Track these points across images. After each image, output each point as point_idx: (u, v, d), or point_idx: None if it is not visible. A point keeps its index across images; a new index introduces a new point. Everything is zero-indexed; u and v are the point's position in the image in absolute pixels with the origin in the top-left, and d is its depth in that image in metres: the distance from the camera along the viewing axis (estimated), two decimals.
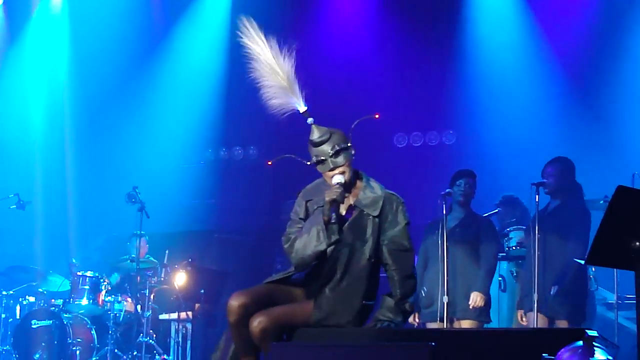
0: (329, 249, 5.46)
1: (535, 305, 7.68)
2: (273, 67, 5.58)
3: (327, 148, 5.53)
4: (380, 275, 5.62)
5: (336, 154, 5.52)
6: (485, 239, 8.29)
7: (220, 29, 13.17)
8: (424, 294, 8.15)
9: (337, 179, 5.50)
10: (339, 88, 11.32)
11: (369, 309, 5.53)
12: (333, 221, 5.42)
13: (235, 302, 5.42)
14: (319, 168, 5.59)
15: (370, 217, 5.52)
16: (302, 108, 5.60)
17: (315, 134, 5.57)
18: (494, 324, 8.48)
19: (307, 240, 5.46)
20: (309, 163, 5.63)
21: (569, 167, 8.24)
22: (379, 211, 5.51)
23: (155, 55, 13.19)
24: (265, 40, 5.65)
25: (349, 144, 5.54)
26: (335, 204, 5.42)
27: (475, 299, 8.06)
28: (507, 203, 9.67)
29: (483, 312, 8.14)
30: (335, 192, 5.42)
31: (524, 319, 8.18)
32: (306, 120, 5.61)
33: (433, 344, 4.74)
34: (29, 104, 13.03)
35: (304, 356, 5.06)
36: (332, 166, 5.52)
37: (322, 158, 5.54)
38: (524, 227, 8.90)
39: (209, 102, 13.16)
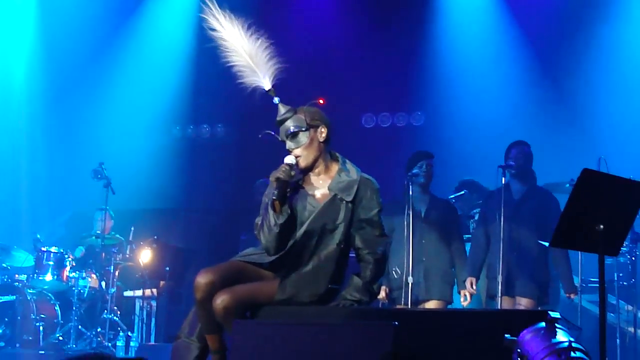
0: (298, 234, 5.43)
1: (499, 287, 7.70)
2: (238, 46, 5.55)
3: (287, 127, 5.50)
4: (350, 255, 5.60)
5: (292, 135, 5.46)
6: (454, 223, 8.36)
7: (188, 6, 13.08)
8: (396, 276, 8.13)
9: (288, 159, 5.43)
10: (306, 69, 11.26)
11: (335, 291, 5.50)
12: (274, 198, 5.30)
13: (202, 279, 5.37)
14: (287, 147, 5.55)
15: (344, 201, 5.44)
16: (268, 86, 5.54)
17: (279, 113, 5.53)
18: (456, 302, 8.50)
19: (267, 224, 5.42)
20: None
21: (530, 151, 8.30)
22: (353, 196, 5.45)
23: (123, 31, 13.08)
24: (229, 20, 5.61)
25: (308, 127, 5.46)
26: (279, 183, 5.32)
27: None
28: (467, 187, 9.71)
29: (448, 293, 8.18)
30: (280, 171, 5.34)
31: (474, 286, 8.18)
32: (272, 99, 5.55)
33: (396, 323, 4.74)
34: None
35: (266, 334, 5.04)
36: (287, 147, 5.49)
37: (284, 138, 5.52)
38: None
39: (177, 79, 13.08)
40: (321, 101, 5.67)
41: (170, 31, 13.17)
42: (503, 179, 7.95)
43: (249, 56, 5.53)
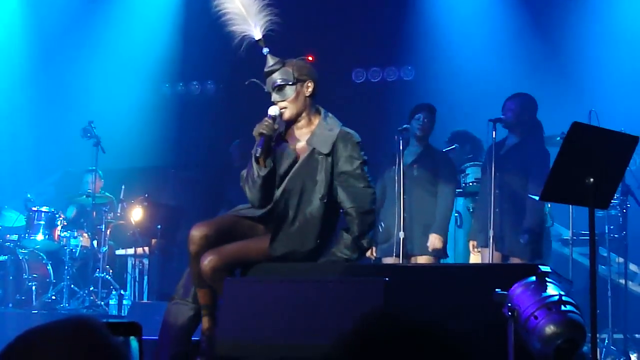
0: (278, 191, 5.44)
1: (491, 241, 7.69)
2: None
3: (274, 79, 5.48)
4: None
5: (279, 88, 5.47)
6: (443, 176, 8.28)
7: None
8: (381, 229, 8.13)
9: (272, 111, 5.43)
10: (296, 24, 11.19)
11: (325, 248, 5.50)
12: (258, 155, 5.34)
13: (196, 232, 5.41)
14: (272, 99, 5.54)
15: (322, 155, 5.44)
16: (258, 36, 5.52)
17: (267, 64, 5.52)
18: (450, 259, 8.52)
19: (251, 177, 5.45)
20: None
21: (531, 104, 8.19)
22: (330, 149, 5.43)
23: None
24: None
25: (296, 80, 5.46)
26: (262, 137, 5.33)
27: (434, 241, 8.07)
28: (459, 139, 9.66)
29: (440, 248, 8.17)
30: (262, 126, 5.34)
31: (476, 249, 8.21)
32: (262, 49, 5.54)
33: (387, 279, 4.75)
34: None
35: (256, 291, 5.06)
36: (273, 99, 5.49)
37: (270, 89, 5.52)
38: (479, 163, 8.92)
39: (166, 35, 13.00)
40: (310, 58, 5.67)
41: None
42: (494, 132, 7.91)
43: (242, 4, 5.52)
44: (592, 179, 4.75)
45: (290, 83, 5.45)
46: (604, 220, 8.73)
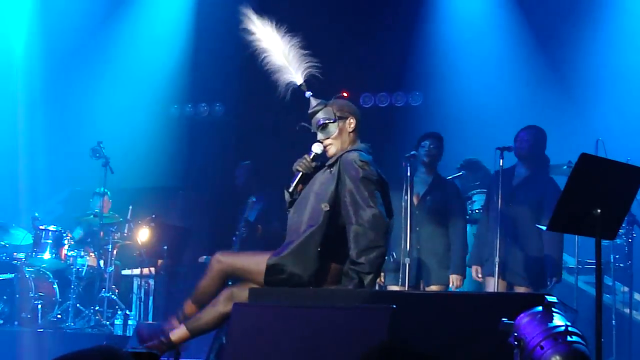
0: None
1: (497, 269, 7.71)
2: (273, 47, 5.84)
3: (317, 119, 5.79)
4: None
5: (322, 127, 5.77)
6: (455, 209, 8.29)
7: None
8: (392, 259, 8.14)
9: (315, 147, 5.75)
10: (304, 48, 11.28)
11: (325, 268, 5.53)
12: (289, 189, 5.73)
13: (216, 263, 5.73)
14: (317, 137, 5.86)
15: (328, 170, 5.65)
16: (300, 81, 5.83)
17: (310, 106, 5.85)
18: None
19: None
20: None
21: (543, 137, 8.23)
22: (332, 162, 5.64)
23: (121, 9, 13.06)
24: (262, 22, 5.92)
25: (337, 118, 5.75)
26: (298, 173, 5.71)
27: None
28: (469, 166, 9.70)
29: (445, 277, 8.16)
30: (300, 163, 5.73)
31: (479, 274, 8.21)
32: (304, 93, 5.85)
33: (394, 306, 4.77)
34: None
35: (264, 316, 5.08)
36: (318, 137, 5.79)
37: (315, 129, 5.81)
38: (486, 191, 8.94)
39: (175, 57, 13.07)
40: (345, 94, 5.95)
41: (168, 8, 13.15)
42: (501, 160, 7.94)
43: (284, 56, 5.84)
44: (599, 210, 4.79)
45: (332, 121, 5.76)
46: (610, 249, 8.76)
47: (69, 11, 12.62)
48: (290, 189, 5.72)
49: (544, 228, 7.37)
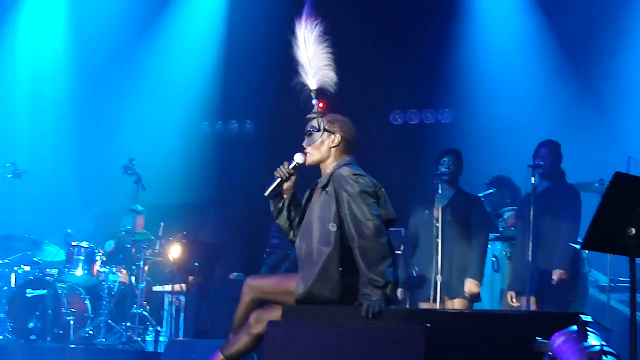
0: (297, 233, 5.78)
1: (529, 288, 7.70)
2: (303, 48, 5.86)
3: (307, 127, 5.86)
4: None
5: (308, 134, 5.83)
6: (475, 220, 8.26)
7: (219, 2, 13.17)
8: (415, 274, 8.15)
9: (296, 157, 5.79)
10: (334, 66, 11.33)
11: (351, 284, 5.49)
12: (265, 194, 5.80)
13: (247, 289, 5.82)
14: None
15: (324, 191, 5.64)
16: (313, 87, 5.84)
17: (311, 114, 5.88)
18: (486, 304, 8.50)
19: None
20: None
21: (560, 151, 8.27)
22: (326, 182, 5.64)
23: (154, 27, 13.17)
24: (308, 24, 5.91)
25: (324, 130, 5.77)
26: (276, 179, 5.77)
27: (470, 287, 8.06)
28: (499, 183, 9.69)
29: (476, 293, 8.16)
30: (278, 169, 5.78)
31: (514, 300, 8.21)
32: (312, 99, 5.85)
33: (428, 325, 4.78)
34: (28, 74, 13.00)
35: (298, 335, 5.11)
36: (303, 144, 5.85)
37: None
38: (517, 209, 8.93)
39: (206, 75, 13.16)
40: (321, 105, 5.92)
41: (200, 26, 13.26)
42: (533, 178, 7.95)
43: (307, 57, 5.84)
44: (633, 230, 4.77)
45: (317, 131, 5.78)
46: None
47: (101, 29, 12.74)
48: (266, 194, 5.79)
49: (578, 247, 7.40)
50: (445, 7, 12.25)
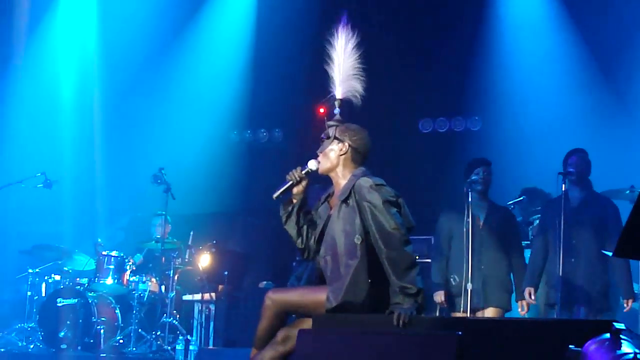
0: (320, 252, 5.71)
1: (559, 295, 7.67)
2: (336, 58, 5.86)
3: (322, 135, 5.87)
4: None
5: (322, 141, 5.83)
6: (512, 233, 8.24)
7: (247, 10, 13.21)
8: (454, 283, 8.12)
9: (310, 163, 5.81)
10: (363, 74, 11.34)
11: (383, 295, 5.48)
12: (273, 195, 5.81)
13: (270, 302, 5.71)
14: None
15: (344, 204, 5.60)
16: (338, 96, 5.84)
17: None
18: (515, 311, 8.46)
19: None
20: None
21: (588, 158, 8.21)
22: (347, 195, 5.58)
23: (183, 36, 13.23)
24: (343, 33, 5.91)
25: (335, 138, 5.76)
26: (286, 182, 5.80)
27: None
28: (529, 193, 9.67)
29: (505, 301, 8.13)
30: (291, 173, 5.82)
31: (532, 296, 8.13)
32: (334, 108, 5.86)
33: (459, 333, 4.77)
34: (58, 83, 13.07)
35: (329, 343, 5.10)
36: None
37: None
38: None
39: (235, 84, 13.20)
40: (322, 110, 5.94)
41: (228, 35, 13.31)
42: (563, 185, 7.91)
43: (338, 67, 5.85)
44: None
45: (326, 138, 5.79)
46: None
47: (131, 37, 12.78)
48: (274, 195, 5.79)
49: (610, 254, 7.35)
50: (474, 14, 12.24)
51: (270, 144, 13.60)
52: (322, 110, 5.94)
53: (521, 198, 9.50)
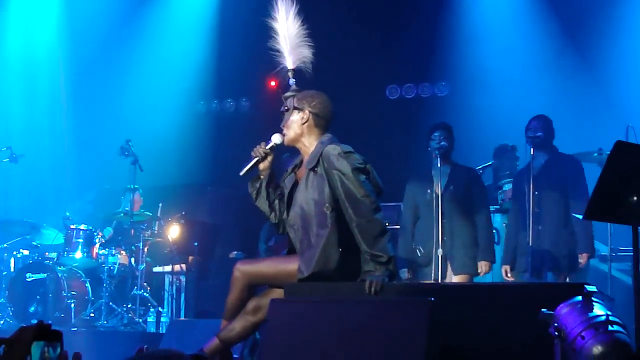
0: (288, 219, 5.71)
1: (530, 259, 7.71)
2: (281, 30, 5.83)
3: (282, 107, 5.84)
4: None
5: (282, 114, 5.81)
6: (476, 196, 8.17)
7: None
8: (420, 254, 8.10)
9: (273, 137, 5.81)
10: (329, 42, 11.27)
11: (354, 263, 5.46)
12: (240, 173, 5.81)
13: (239, 274, 5.73)
14: None
15: (312, 172, 5.57)
16: (290, 66, 5.82)
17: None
18: (487, 276, 8.47)
19: None
20: None
21: (552, 124, 8.21)
22: (315, 163, 5.55)
23: (148, 7, 13.11)
24: (286, 6, 5.88)
25: (295, 108, 5.71)
26: (252, 159, 5.79)
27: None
28: (499, 154, 9.66)
29: (472, 266, 8.10)
30: (255, 149, 5.82)
31: (509, 274, 8.17)
32: (289, 79, 5.85)
33: (432, 299, 4.77)
34: (22, 57, 12.95)
35: (301, 312, 5.10)
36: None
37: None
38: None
39: (201, 54, 13.11)
40: (272, 83, 5.94)
41: (193, 5, 13.18)
42: (532, 149, 7.93)
43: (284, 36, 5.81)
44: (635, 198, 4.76)
45: (286, 109, 5.76)
46: None
47: (95, 9, 12.68)
48: (241, 173, 5.80)
49: (580, 217, 7.39)
50: None
51: (238, 114, 13.52)
52: (272, 83, 5.92)
53: (489, 163, 9.50)
